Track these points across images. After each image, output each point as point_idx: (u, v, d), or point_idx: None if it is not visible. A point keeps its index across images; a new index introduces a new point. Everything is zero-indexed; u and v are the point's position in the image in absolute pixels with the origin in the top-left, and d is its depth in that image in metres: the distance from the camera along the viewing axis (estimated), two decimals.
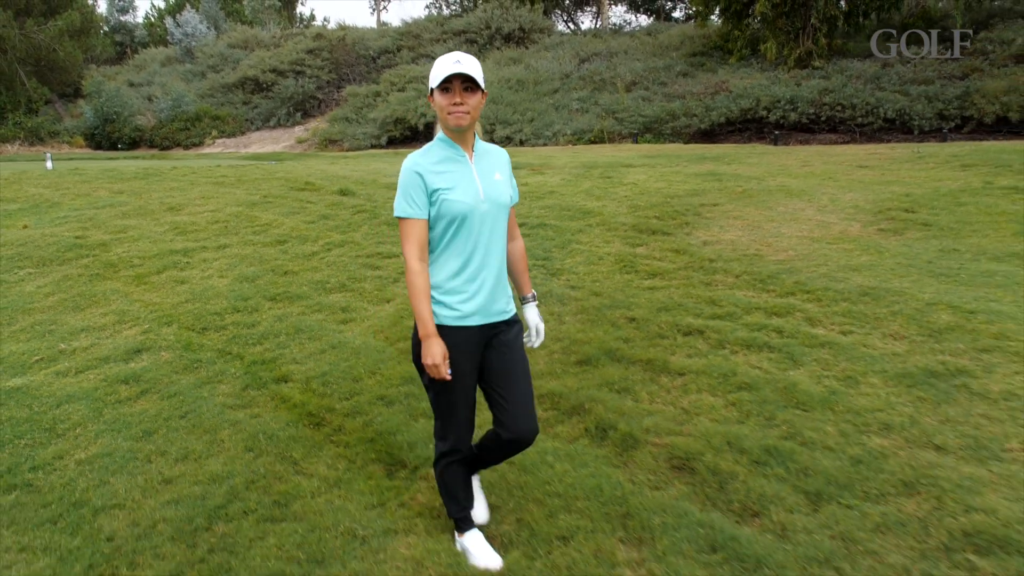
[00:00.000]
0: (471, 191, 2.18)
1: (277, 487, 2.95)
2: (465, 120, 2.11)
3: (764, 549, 2.37)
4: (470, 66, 2.07)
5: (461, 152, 2.21)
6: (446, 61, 2.11)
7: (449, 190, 2.15)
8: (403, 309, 4.78)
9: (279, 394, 3.77)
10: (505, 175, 2.32)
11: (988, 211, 6.15)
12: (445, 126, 2.19)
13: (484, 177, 2.23)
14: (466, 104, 2.11)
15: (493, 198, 2.22)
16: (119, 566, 2.55)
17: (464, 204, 2.16)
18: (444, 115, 2.14)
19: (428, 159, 2.18)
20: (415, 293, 2.17)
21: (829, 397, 3.30)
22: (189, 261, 6.06)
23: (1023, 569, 2.21)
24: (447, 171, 2.17)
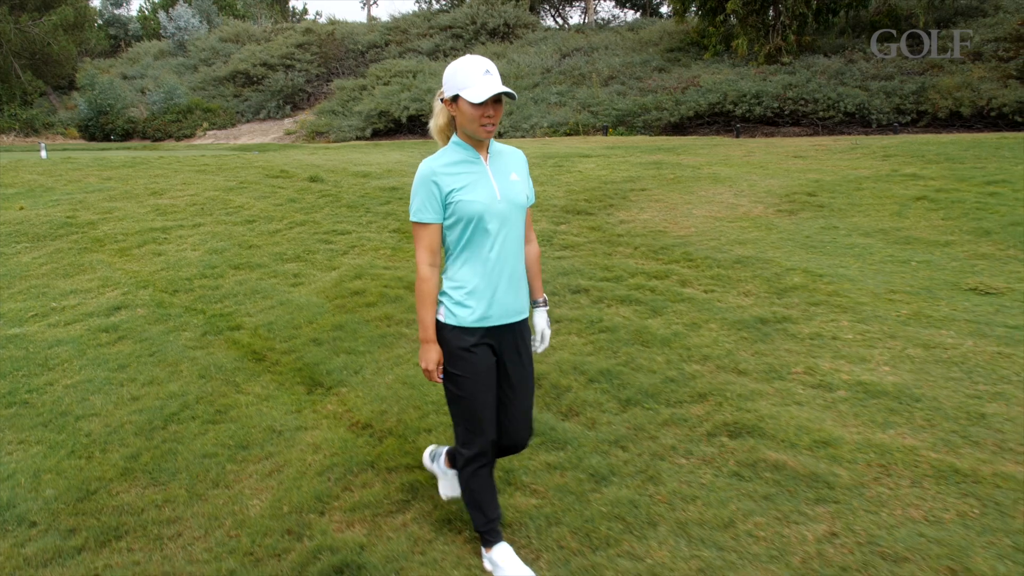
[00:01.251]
0: (487, 191, 2.19)
1: (220, 401, 3.79)
2: (493, 132, 2.15)
3: (573, 434, 3.21)
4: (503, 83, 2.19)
5: (475, 154, 2.22)
6: (475, 70, 2.09)
7: (464, 190, 2.17)
8: (345, 275, 5.61)
9: (231, 338, 4.60)
10: (522, 175, 2.32)
11: (880, 195, 6.97)
12: (468, 133, 2.19)
13: (500, 177, 2.23)
14: (496, 117, 2.13)
15: (510, 198, 2.22)
16: (93, 451, 3.39)
17: (480, 204, 2.17)
18: (474, 126, 2.13)
19: (442, 162, 2.20)
20: (421, 299, 2.22)
21: (671, 337, 4.13)
22: (167, 237, 6.88)
23: (752, 444, 3.04)
24: (462, 172, 2.19)
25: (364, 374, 3.99)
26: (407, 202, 7.64)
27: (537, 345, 2.48)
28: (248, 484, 3.06)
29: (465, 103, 2.10)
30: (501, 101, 2.13)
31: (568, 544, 2.53)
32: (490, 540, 2.40)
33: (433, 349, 2.25)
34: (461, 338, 2.24)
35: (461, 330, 2.24)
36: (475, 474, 2.36)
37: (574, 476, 2.89)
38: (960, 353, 3.72)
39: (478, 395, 2.28)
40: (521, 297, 2.34)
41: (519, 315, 2.33)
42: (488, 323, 2.25)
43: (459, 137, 2.23)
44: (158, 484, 3.10)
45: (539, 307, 2.49)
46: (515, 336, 2.33)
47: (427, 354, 2.26)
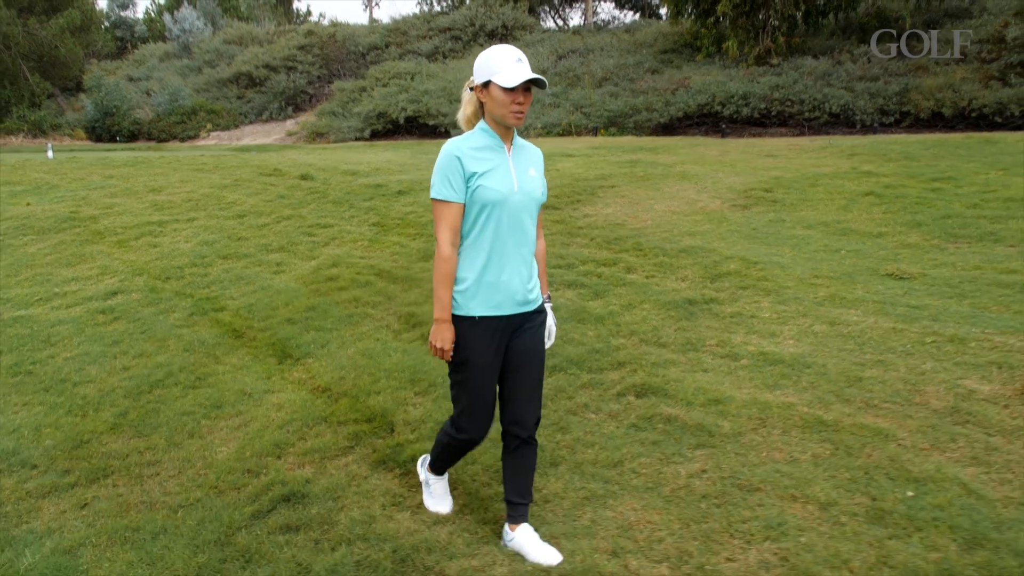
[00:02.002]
0: (506, 180, 2.23)
1: (200, 370, 4.30)
2: (522, 120, 2.21)
3: None
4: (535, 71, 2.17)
5: (501, 143, 2.27)
6: (508, 58, 2.15)
7: (485, 175, 2.21)
8: (323, 263, 6.12)
9: (215, 318, 5.11)
10: (539, 171, 2.38)
11: (833, 191, 7.42)
12: (497, 119, 2.23)
13: (520, 170, 2.29)
14: (526, 104, 2.18)
15: (527, 191, 2.28)
16: (87, 410, 3.90)
17: (498, 192, 2.21)
18: (504, 112, 2.17)
19: (468, 144, 2.24)
20: (440, 278, 2.25)
21: (606, 316, 4.61)
22: (163, 230, 7.41)
23: (653, 402, 3.52)
24: (486, 158, 2.23)
25: (329, 348, 4.49)
26: (390, 198, 8.17)
27: (548, 341, 2.51)
28: (218, 435, 3.56)
29: (497, 88, 2.14)
30: (531, 90, 2.18)
31: (479, 478, 3.01)
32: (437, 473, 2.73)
33: (448, 328, 2.27)
34: (471, 326, 2.28)
35: (472, 320, 2.27)
36: (456, 443, 2.51)
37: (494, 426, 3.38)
38: (859, 329, 4.18)
39: (481, 382, 2.32)
40: (533, 287, 2.38)
41: (530, 305, 2.37)
42: (500, 312, 2.29)
43: (487, 123, 2.26)
44: (142, 436, 3.60)
45: (544, 303, 2.52)
46: (524, 324, 2.37)
47: (442, 333, 2.28)
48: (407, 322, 4.77)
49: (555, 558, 2.45)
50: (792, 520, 2.60)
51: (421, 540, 2.63)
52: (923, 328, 4.09)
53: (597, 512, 2.72)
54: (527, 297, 2.35)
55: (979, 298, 4.48)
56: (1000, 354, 3.69)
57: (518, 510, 2.54)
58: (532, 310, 2.39)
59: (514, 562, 2.49)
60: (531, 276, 2.37)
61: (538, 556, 2.46)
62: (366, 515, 2.81)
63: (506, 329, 2.33)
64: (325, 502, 2.91)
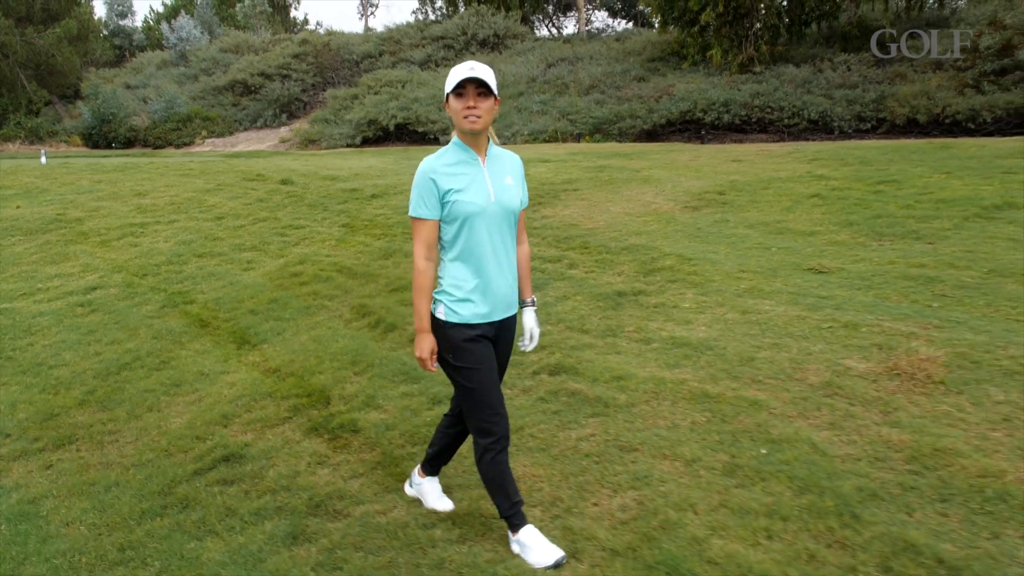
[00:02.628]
0: (482, 193, 2.34)
1: (165, 354, 4.73)
2: (478, 124, 2.27)
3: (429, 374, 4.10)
4: (483, 72, 2.23)
5: (474, 155, 2.37)
6: (461, 68, 2.27)
7: (461, 191, 2.31)
8: (290, 261, 6.55)
9: (184, 310, 5.55)
10: (517, 179, 2.47)
11: (782, 193, 7.85)
12: (460, 130, 2.34)
13: (495, 180, 2.39)
14: (479, 108, 2.26)
15: (503, 201, 2.38)
16: (59, 389, 4.33)
17: (474, 205, 2.32)
18: (459, 119, 2.29)
19: (442, 162, 2.36)
20: (417, 291, 2.39)
21: (540, 307, 5.03)
22: (144, 231, 7.86)
23: (563, 379, 3.94)
24: (460, 173, 2.34)
25: (284, 335, 4.92)
26: (363, 201, 8.62)
27: (526, 344, 2.62)
28: (174, 409, 3.99)
29: (452, 98, 2.28)
30: (485, 95, 2.27)
31: (395, 441, 3.44)
32: (516, 524, 2.52)
33: (427, 339, 2.41)
34: (463, 332, 2.38)
35: (463, 326, 2.39)
36: (493, 461, 2.47)
37: (418, 400, 3.81)
38: (767, 317, 4.60)
39: (486, 382, 2.41)
40: (513, 292, 2.51)
41: (512, 309, 2.52)
42: (488, 319, 2.42)
43: (458, 138, 2.38)
44: (106, 410, 4.03)
45: (527, 307, 2.63)
46: (506, 329, 2.52)
47: (422, 343, 2.41)
48: (358, 312, 5.21)
49: (447, 506, 2.83)
50: (657, 474, 3.01)
51: (335, 490, 3.05)
52: (824, 316, 4.51)
53: None
54: (511, 300, 2.50)
55: (884, 289, 4.90)
56: (885, 337, 4.11)
57: (436, 466, 2.86)
58: (513, 314, 2.55)
59: (411, 506, 2.91)
60: (514, 280, 2.50)
61: (434, 504, 2.85)
62: (292, 471, 3.23)
63: (493, 331, 2.47)
64: (259, 461, 3.34)
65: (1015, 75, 15.70)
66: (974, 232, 5.97)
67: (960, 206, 6.65)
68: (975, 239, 5.79)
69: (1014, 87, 15.52)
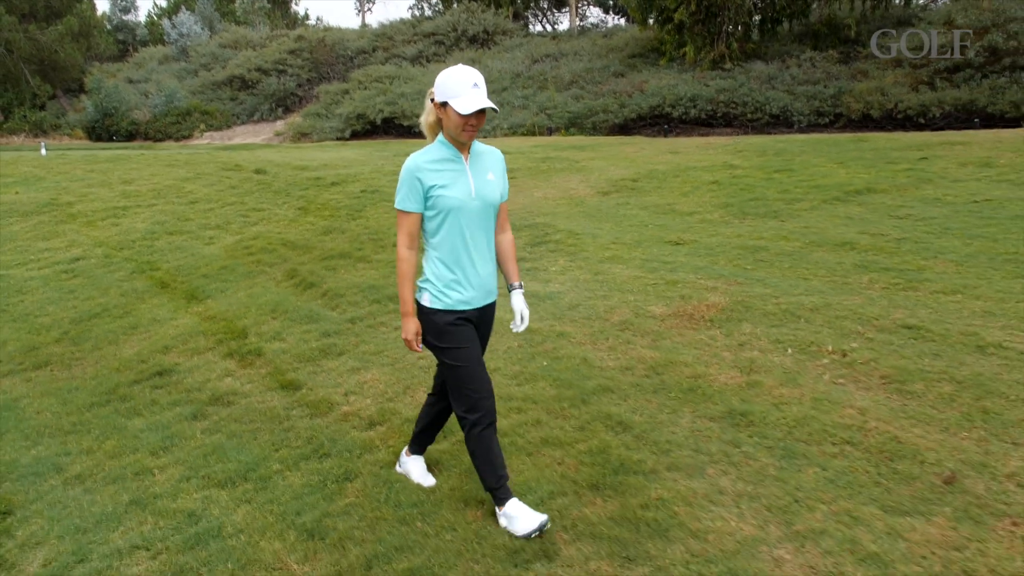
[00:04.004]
0: (464, 188, 2.53)
1: (128, 307, 5.95)
2: (474, 137, 2.53)
3: (326, 316, 5.30)
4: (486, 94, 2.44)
5: (457, 153, 2.56)
6: (464, 82, 2.43)
7: (444, 187, 2.50)
8: (246, 237, 7.76)
9: (150, 276, 6.77)
10: (498, 174, 2.66)
11: (688, 180, 8.98)
12: (452, 136, 2.52)
13: (477, 176, 2.58)
14: (479, 125, 2.48)
15: (484, 196, 2.57)
16: (41, 331, 5.56)
17: (456, 199, 2.51)
18: (457, 131, 2.48)
19: (427, 159, 2.54)
20: (401, 277, 2.60)
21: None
22: (125, 213, 9.10)
23: None
24: (443, 170, 2.53)
25: (226, 293, 6.13)
26: (323, 188, 9.82)
27: (517, 324, 2.77)
28: (129, 344, 5.21)
29: (452, 111, 2.43)
30: (484, 112, 2.45)
31: (287, 362, 4.63)
32: (502, 498, 2.70)
33: (412, 322, 2.62)
34: (447, 317, 2.59)
35: (447, 312, 2.59)
36: (480, 436, 2.64)
37: (312, 335, 5.00)
38: (611, 277, 5.75)
39: (471, 361, 2.61)
40: (493, 280, 2.71)
41: (492, 296, 2.73)
42: (470, 305, 2.63)
43: (444, 137, 2.56)
44: (75, 344, 5.26)
45: (515, 290, 2.79)
46: (486, 313, 2.74)
47: (407, 326, 2.63)
48: (289, 275, 6.41)
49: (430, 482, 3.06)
50: None
51: (232, 390, 4.25)
52: (657, 276, 5.65)
53: (350, 376, 4.33)
54: (491, 288, 2.71)
55: (718, 257, 6.04)
56: (691, 291, 5.24)
57: (421, 444, 3.12)
58: (492, 301, 2.76)
59: (284, 397, 4.10)
60: (494, 269, 2.72)
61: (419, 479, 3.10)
62: (205, 379, 4.44)
63: (476, 316, 2.68)
64: (182, 374, 4.55)
65: (965, 72, 16.66)
66: (824, 212, 7.09)
67: (829, 191, 7.76)
68: (820, 217, 6.91)
69: (964, 84, 16.49)
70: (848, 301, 4.75)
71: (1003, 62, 16.20)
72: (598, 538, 2.68)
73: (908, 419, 3.31)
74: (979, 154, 9.00)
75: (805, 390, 3.64)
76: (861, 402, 3.48)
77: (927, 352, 3.94)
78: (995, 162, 8.46)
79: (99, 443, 3.75)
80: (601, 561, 2.57)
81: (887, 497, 2.80)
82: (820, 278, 5.32)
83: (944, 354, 3.90)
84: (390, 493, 3.04)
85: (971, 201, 6.95)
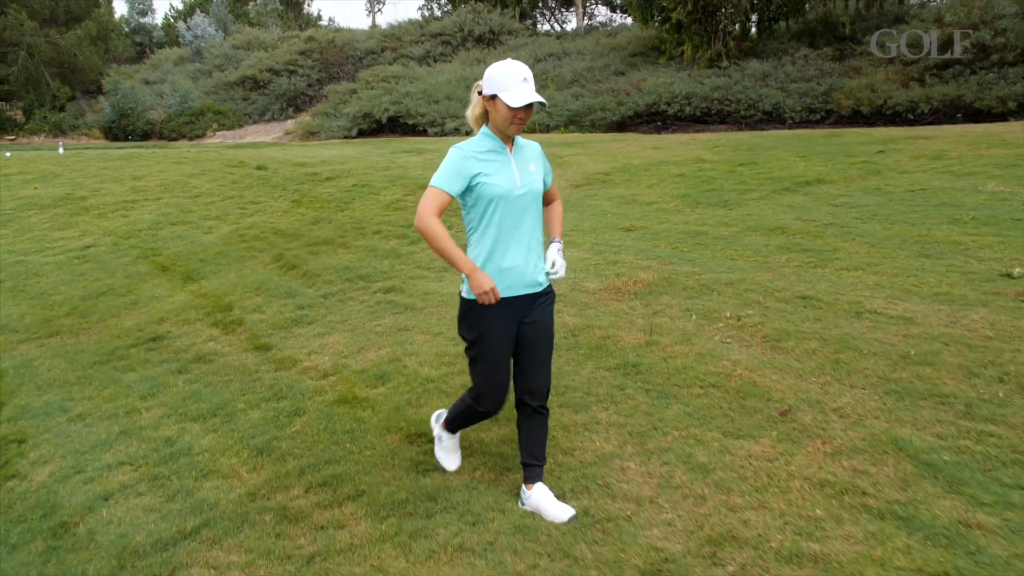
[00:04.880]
0: (508, 178, 2.60)
1: (131, 287, 6.71)
2: (520, 130, 2.59)
3: (301, 291, 6.02)
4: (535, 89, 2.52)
5: (503, 145, 2.63)
6: (515, 76, 2.50)
7: (489, 175, 2.57)
8: (241, 226, 8.51)
9: (152, 260, 7.53)
10: (539, 165, 2.75)
11: (657, 174, 9.60)
12: (499, 128, 2.60)
13: (521, 167, 2.66)
14: (527, 118, 2.55)
15: (528, 185, 2.65)
16: (54, 307, 6.32)
17: (501, 188, 2.58)
18: (506, 124, 2.55)
19: (475, 148, 2.61)
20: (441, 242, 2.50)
21: (390, 252, 6.90)
22: (134, 206, 9.90)
23: (393, 296, 5.81)
24: (490, 160, 2.60)
25: (219, 275, 6.87)
26: (318, 182, 10.56)
27: (553, 272, 2.77)
28: (129, 317, 5.96)
29: (502, 104, 2.50)
30: (532, 106, 2.53)
31: (264, 329, 5.35)
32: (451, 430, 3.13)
33: (481, 275, 2.52)
34: (486, 310, 2.60)
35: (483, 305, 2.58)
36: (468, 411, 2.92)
37: (288, 307, 5.72)
38: None
39: (495, 357, 2.67)
40: (538, 270, 2.72)
41: (537, 287, 2.72)
42: (509, 293, 2.63)
43: (490, 129, 2.64)
44: (83, 317, 6.01)
45: (554, 242, 2.87)
46: (533, 304, 2.72)
47: (477, 281, 2.52)
48: (276, 259, 7.14)
49: (568, 513, 2.78)
50: (409, 339, 4.86)
51: (212, 351, 4.97)
52: (601, 258, 6.31)
53: (315, 340, 5.03)
54: (535, 279, 2.70)
55: (660, 241, 6.68)
56: (627, 269, 5.89)
57: (533, 471, 2.89)
58: (540, 291, 2.74)
59: (257, 356, 4.82)
60: (538, 260, 2.72)
61: (553, 512, 2.79)
62: (192, 343, 5.17)
63: (516, 309, 2.67)
64: (172, 339, 5.28)
65: (955, 69, 17.10)
66: (771, 201, 7.71)
67: (781, 182, 8.37)
68: (764, 206, 7.52)
69: (952, 80, 16.91)
70: (760, 277, 5.38)
71: (991, 58, 16.62)
72: (486, 454, 3.36)
73: (770, 368, 3.96)
74: (936, 147, 9.55)
75: (694, 347, 4.29)
76: (737, 356, 4.13)
77: (810, 317, 4.57)
78: (947, 155, 9.00)
79: (98, 391, 4.49)
80: (486, 470, 3.25)
81: (730, 425, 3.45)
82: (745, 258, 5.95)
83: (824, 319, 4.53)
84: (329, 424, 3.75)
85: (907, 191, 7.53)
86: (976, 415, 3.33)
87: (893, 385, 3.65)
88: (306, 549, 2.78)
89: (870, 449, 3.14)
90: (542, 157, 2.82)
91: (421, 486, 3.13)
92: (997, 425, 3.24)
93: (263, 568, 2.70)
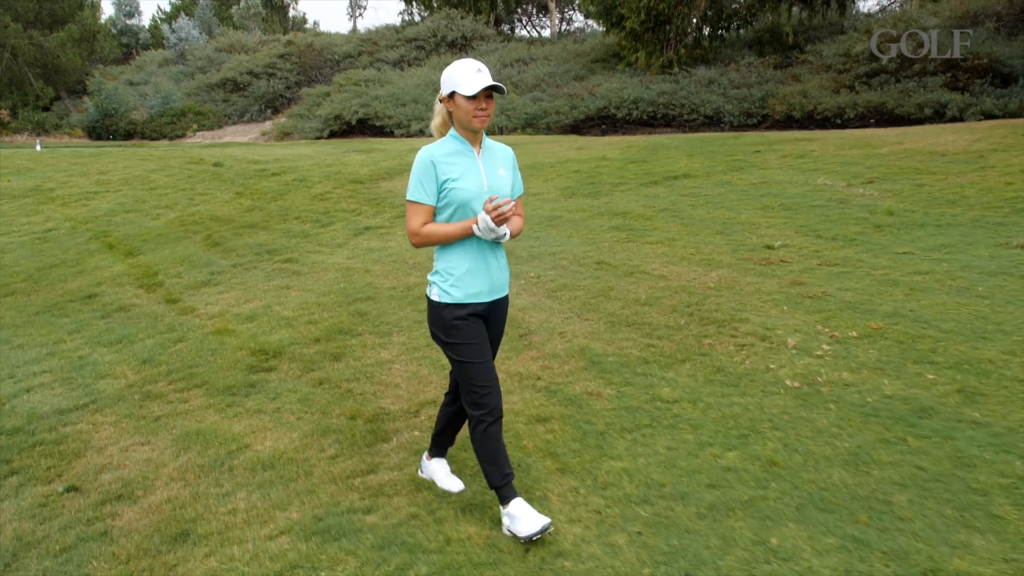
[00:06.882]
0: (476, 181, 2.63)
1: (81, 261, 8.12)
2: (486, 123, 2.58)
3: (219, 265, 7.44)
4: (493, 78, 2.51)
5: (470, 147, 2.66)
6: (468, 69, 2.55)
7: (457, 180, 2.60)
8: (184, 213, 9.92)
9: (104, 241, 8.95)
10: (509, 170, 2.78)
11: (559, 169, 11.01)
12: (464, 126, 2.63)
13: (489, 170, 2.69)
14: (489, 109, 2.58)
15: (496, 189, 2.67)
16: (13, 277, 7.75)
17: (468, 192, 2.61)
18: (468, 118, 2.57)
19: (441, 151, 2.64)
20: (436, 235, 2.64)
21: (319, 233, 8.32)
22: (95, 197, 11.33)
23: (292, 267, 7.24)
24: (456, 163, 2.62)
25: (157, 251, 8.29)
26: (264, 178, 12.00)
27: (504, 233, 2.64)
28: (74, 282, 7.36)
29: (460, 97, 2.55)
30: (492, 96, 2.56)
31: (182, 291, 6.77)
32: (507, 496, 2.73)
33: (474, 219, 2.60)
34: (456, 312, 2.66)
35: (455, 306, 2.66)
36: (486, 432, 2.71)
37: (202, 276, 7.13)
38: None
39: (478, 357, 2.69)
40: (504, 275, 2.80)
41: (503, 291, 2.81)
42: (479, 299, 2.71)
43: (456, 131, 2.66)
44: (35, 283, 7.43)
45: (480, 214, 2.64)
46: (497, 308, 2.82)
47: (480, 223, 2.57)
48: (206, 239, 8.56)
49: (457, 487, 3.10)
50: (276, 303, 6.27)
51: (133, 303, 6.39)
52: None
53: (215, 296, 6.44)
54: (502, 282, 2.80)
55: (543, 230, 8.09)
56: None
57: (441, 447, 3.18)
58: (504, 295, 2.83)
59: (156, 306, 6.24)
60: (503, 265, 2.79)
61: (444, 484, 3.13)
62: (118, 298, 6.58)
63: (484, 310, 2.75)
64: (104, 296, 6.70)
65: (881, 77, 18.57)
66: (634, 193, 9.13)
67: (653, 176, 9.80)
68: (626, 196, 8.95)
69: (880, 88, 18.38)
70: (579, 249, 6.81)
71: (913, 68, 18.09)
72: (305, 360, 4.78)
73: (535, 309, 5.38)
74: (806, 149, 10.99)
75: None
76: (517, 303, 5.54)
77: (592, 276, 5.99)
78: (810, 155, 10.44)
79: (37, 331, 5.91)
80: (299, 371, 4.66)
81: None
82: (580, 236, 7.38)
83: (603, 278, 5.95)
84: (200, 345, 5.17)
85: (751, 184, 8.97)
86: (653, 335, 4.75)
87: (614, 318, 5.08)
88: (156, 413, 4.20)
89: (563, 355, 4.56)
90: (513, 164, 2.84)
91: (249, 380, 4.54)
92: (663, 341, 4.66)
93: (126, 424, 4.11)
